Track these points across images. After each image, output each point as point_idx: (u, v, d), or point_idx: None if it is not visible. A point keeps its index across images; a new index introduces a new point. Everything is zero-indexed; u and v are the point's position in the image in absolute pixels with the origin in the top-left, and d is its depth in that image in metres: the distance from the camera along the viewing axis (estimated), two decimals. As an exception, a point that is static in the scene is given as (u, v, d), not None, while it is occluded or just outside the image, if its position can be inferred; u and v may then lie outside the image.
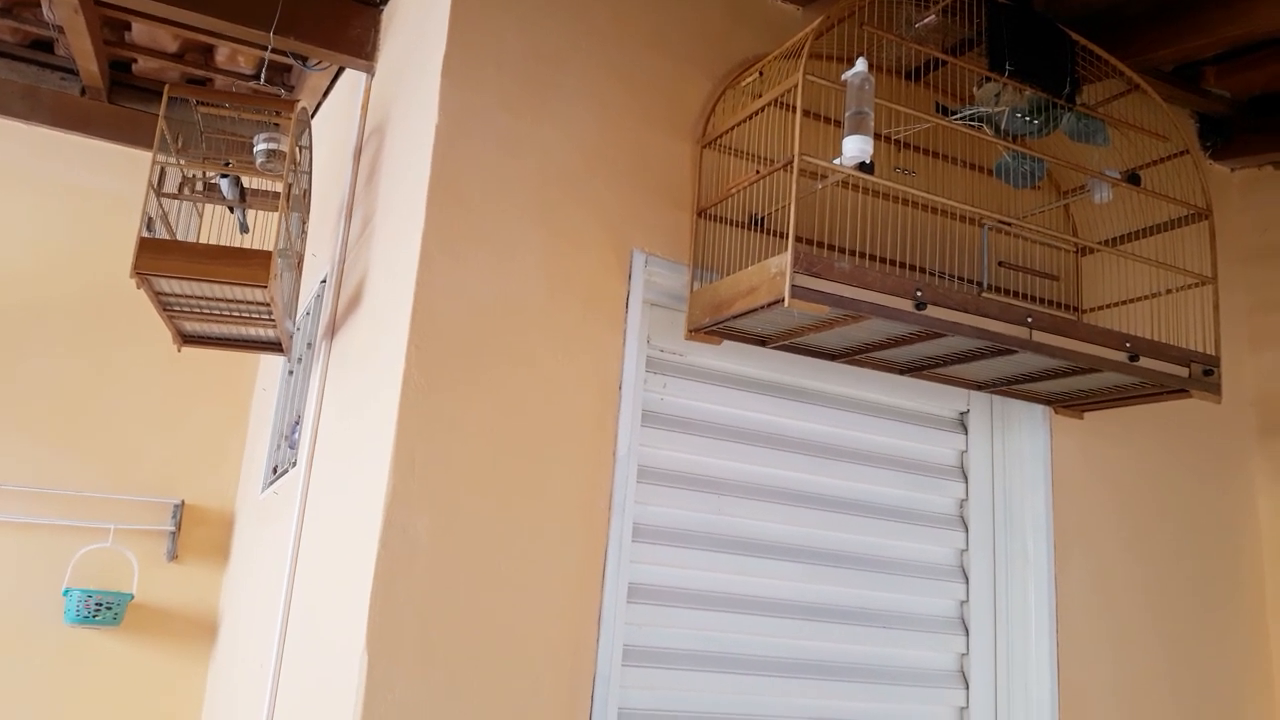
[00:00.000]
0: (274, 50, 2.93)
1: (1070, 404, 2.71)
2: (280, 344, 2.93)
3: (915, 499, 2.71)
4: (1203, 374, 2.45)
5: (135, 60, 3.77)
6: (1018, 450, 2.78)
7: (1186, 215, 2.59)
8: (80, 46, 3.41)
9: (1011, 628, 2.69)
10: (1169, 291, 2.62)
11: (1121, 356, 2.37)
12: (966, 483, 2.78)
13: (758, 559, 2.48)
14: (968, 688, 2.65)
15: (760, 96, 2.28)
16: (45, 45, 3.75)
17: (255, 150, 2.66)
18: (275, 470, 3.41)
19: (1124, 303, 2.72)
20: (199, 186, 2.85)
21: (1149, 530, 2.88)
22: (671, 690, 2.33)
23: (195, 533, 4.07)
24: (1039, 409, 2.77)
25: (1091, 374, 2.40)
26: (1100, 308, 2.77)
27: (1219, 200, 3.21)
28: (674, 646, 2.36)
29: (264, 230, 2.74)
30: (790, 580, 2.51)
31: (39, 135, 3.97)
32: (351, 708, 1.94)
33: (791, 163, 2.07)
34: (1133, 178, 2.50)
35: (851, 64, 2.10)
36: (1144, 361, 2.39)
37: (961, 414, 2.82)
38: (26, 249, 4.06)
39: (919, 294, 2.12)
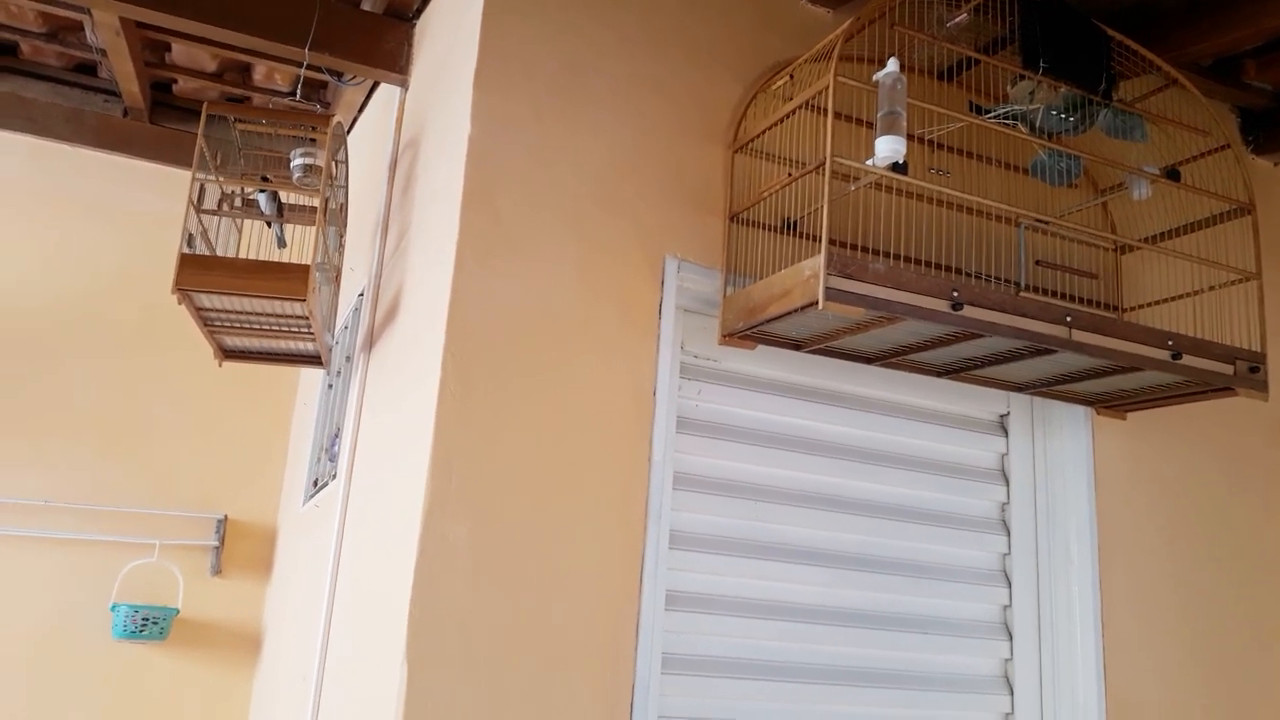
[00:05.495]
0: (309, 66, 2.97)
1: (1112, 404, 2.67)
2: (320, 357, 2.96)
3: (955, 503, 2.68)
4: (1249, 371, 2.40)
5: (175, 80, 3.84)
6: (1059, 452, 2.74)
7: (1228, 210, 2.55)
8: (122, 68, 3.49)
9: (1056, 632, 2.65)
10: (1212, 288, 2.57)
11: (1164, 355, 2.33)
12: (1008, 486, 2.74)
13: (795, 565, 2.46)
14: (1012, 694, 2.61)
15: (791, 100, 2.27)
16: (89, 69, 3.84)
17: (292, 165, 2.69)
18: (316, 483, 3.44)
19: (1166, 300, 2.68)
20: (238, 202, 2.89)
21: (1195, 531, 2.83)
22: (711, 698, 2.32)
23: (238, 547, 4.11)
24: (1081, 410, 2.73)
25: (1133, 373, 2.36)
26: (1141, 306, 2.73)
27: (1262, 194, 3.14)
28: (713, 654, 2.35)
29: (302, 245, 2.77)
30: (829, 586, 2.49)
31: (82, 156, 4.05)
32: (392, 718, 1.95)
33: (824, 165, 2.06)
34: (1172, 173, 2.46)
35: (883, 65, 2.09)
36: (1187, 359, 2.34)
37: (1002, 416, 2.78)
38: (69, 268, 4.13)
39: (955, 294, 2.10)
